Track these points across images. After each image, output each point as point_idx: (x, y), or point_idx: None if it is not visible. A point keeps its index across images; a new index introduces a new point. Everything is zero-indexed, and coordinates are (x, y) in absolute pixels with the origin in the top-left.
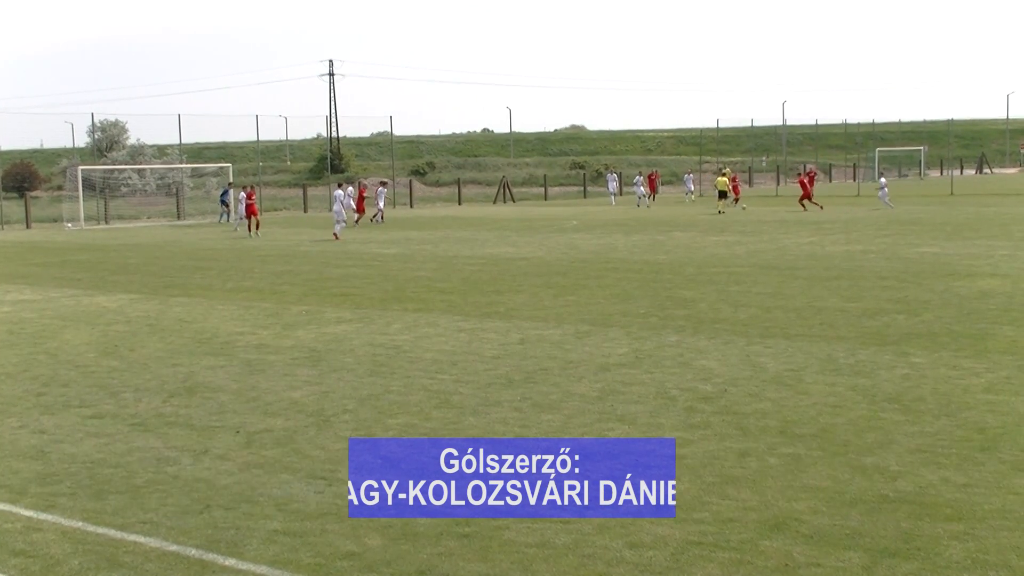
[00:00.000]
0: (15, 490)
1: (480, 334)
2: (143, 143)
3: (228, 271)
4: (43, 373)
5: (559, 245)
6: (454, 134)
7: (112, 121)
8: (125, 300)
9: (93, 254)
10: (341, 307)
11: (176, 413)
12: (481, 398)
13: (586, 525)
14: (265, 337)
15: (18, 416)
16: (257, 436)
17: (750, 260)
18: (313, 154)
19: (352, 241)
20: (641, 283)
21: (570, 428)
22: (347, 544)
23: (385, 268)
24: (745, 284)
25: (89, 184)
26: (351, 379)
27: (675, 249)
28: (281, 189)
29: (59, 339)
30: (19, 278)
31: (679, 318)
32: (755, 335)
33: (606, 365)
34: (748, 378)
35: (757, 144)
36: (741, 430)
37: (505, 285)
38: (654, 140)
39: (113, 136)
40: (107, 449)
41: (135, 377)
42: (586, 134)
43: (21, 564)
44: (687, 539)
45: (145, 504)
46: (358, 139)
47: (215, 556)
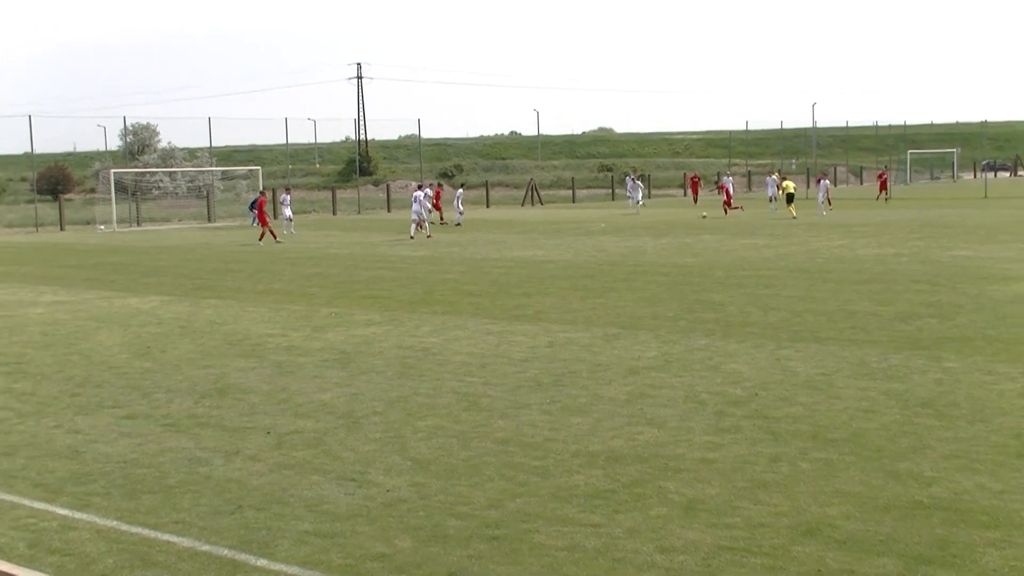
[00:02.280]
0: (51, 489)
1: (509, 337)
2: (174, 146)
3: (258, 273)
4: (77, 374)
5: (587, 248)
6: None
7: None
8: (157, 302)
9: (125, 256)
10: (370, 309)
11: (208, 414)
12: (510, 401)
13: (616, 528)
14: (295, 339)
15: (53, 416)
16: (288, 437)
17: (779, 263)
18: (342, 157)
19: (380, 244)
20: (670, 286)
21: (599, 431)
22: (377, 545)
23: (413, 271)
24: (775, 287)
25: (121, 187)
26: (380, 381)
27: (704, 252)
28: (310, 192)
29: (93, 340)
30: (53, 280)
31: (708, 321)
32: (785, 339)
33: (635, 368)
34: (779, 382)
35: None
36: (772, 434)
37: (533, 288)
38: (683, 142)
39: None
40: (140, 449)
41: (167, 378)
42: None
43: (57, 562)
44: (718, 544)
45: (178, 504)
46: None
47: (247, 556)
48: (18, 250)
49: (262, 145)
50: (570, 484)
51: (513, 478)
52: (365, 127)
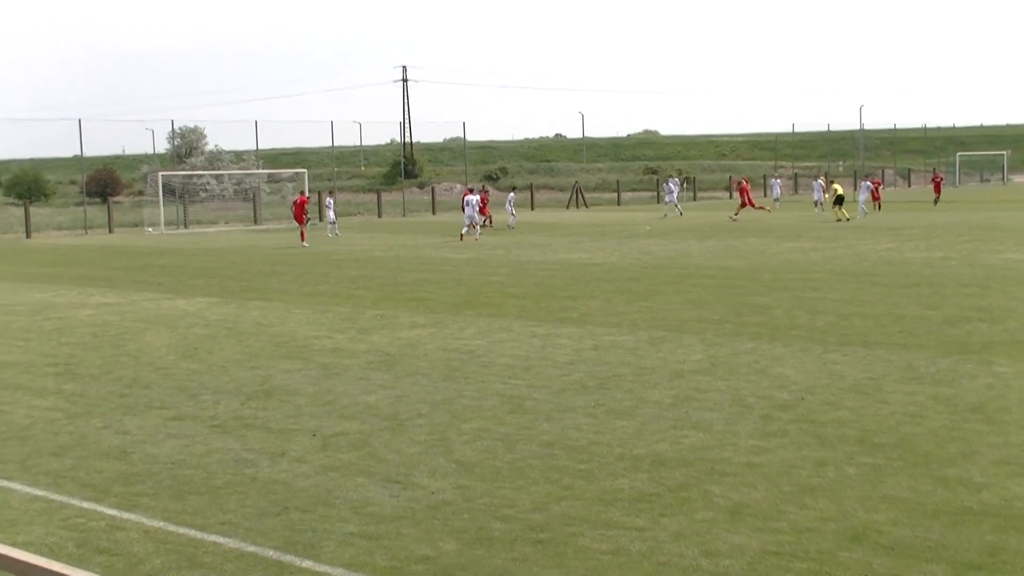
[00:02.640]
0: (99, 489)
1: (553, 340)
2: (221, 149)
3: (304, 275)
4: (125, 375)
5: (632, 251)
6: (527, 139)
7: (191, 127)
8: (204, 304)
9: (173, 258)
10: (415, 312)
11: (254, 415)
12: (555, 404)
13: (661, 532)
14: (340, 341)
15: (102, 417)
16: (333, 439)
17: (826, 266)
18: (387, 159)
19: (425, 247)
20: (715, 289)
21: (644, 435)
22: (422, 548)
23: (458, 273)
24: (822, 291)
25: (169, 189)
26: (425, 383)
27: (750, 255)
28: (355, 194)
29: (140, 342)
30: (102, 281)
31: (754, 325)
32: (832, 342)
33: (681, 372)
34: (825, 386)
35: (833, 149)
36: (819, 439)
37: (578, 291)
38: (728, 145)
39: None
40: (187, 450)
41: (214, 379)
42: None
43: (105, 562)
44: (764, 548)
45: (224, 505)
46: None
47: (292, 558)
48: (68, 252)
49: (308, 148)
50: (615, 488)
51: (558, 481)
52: (410, 130)
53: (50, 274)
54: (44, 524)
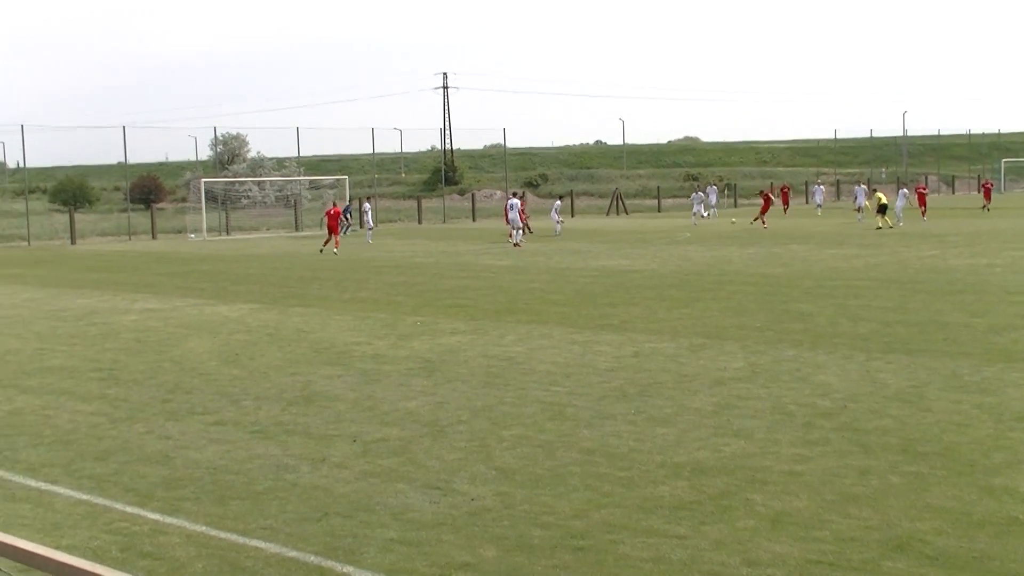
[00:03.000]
0: (142, 494)
1: (594, 346)
2: (263, 156)
3: (344, 282)
4: (168, 380)
5: (673, 257)
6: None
7: (233, 135)
8: (246, 310)
9: (215, 264)
10: (455, 318)
11: (295, 421)
12: (595, 411)
13: (702, 541)
14: (381, 347)
15: (145, 422)
16: (373, 445)
17: (869, 273)
18: (427, 166)
19: (465, 253)
20: (757, 296)
21: (685, 442)
22: (462, 555)
23: (498, 280)
24: (864, 298)
25: (211, 196)
26: (465, 390)
27: (792, 262)
28: (396, 201)
29: (183, 347)
30: (145, 287)
31: (796, 332)
32: (875, 350)
33: (721, 379)
34: (868, 394)
35: (876, 155)
36: (861, 447)
37: (618, 297)
38: (769, 151)
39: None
40: (229, 456)
41: (255, 385)
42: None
43: (149, 566)
44: (807, 557)
45: (265, 510)
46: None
47: (333, 563)
48: (112, 258)
49: (349, 155)
50: (655, 495)
51: (598, 488)
52: (451, 137)
53: (95, 280)
54: (88, 528)
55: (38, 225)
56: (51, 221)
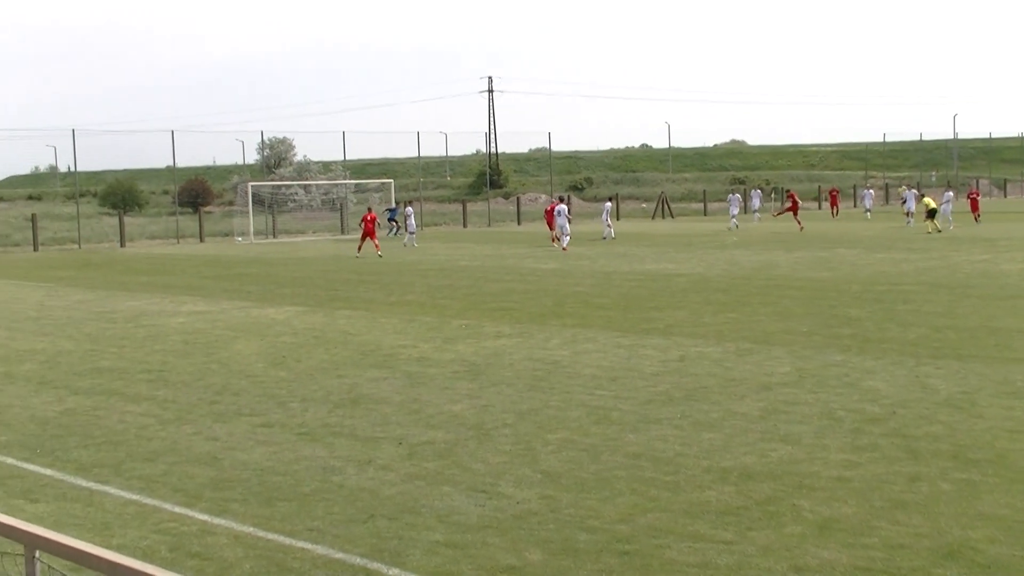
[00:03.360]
0: (191, 494)
1: (639, 350)
2: (309, 159)
3: (390, 285)
4: (216, 382)
5: (719, 261)
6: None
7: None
8: (292, 312)
9: (262, 267)
10: (500, 321)
11: (341, 423)
12: (640, 415)
13: (749, 546)
14: (426, 350)
15: (193, 423)
16: (419, 448)
17: (919, 278)
18: (472, 170)
19: (510, 256)
20: (804, 301)
21: (731, 447)
22: (508, 558)
23: (543, 283)
24: (914, 303)
25: (258, 199)
26: (510, 393)
27: (839, 266)
28: (441, 204)
29: (231, 349)
30: (193, 290)
31: (844, 337)
32: (925, 355)
33: (768, 384)
34: (918, 400)
35: (926, 159)
36: (911, 453)
37: (664, 301)
38: (817, 155)
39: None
40: (276, 457)
41: (302, 387)
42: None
43: (197, 566)
44: (855, 564)
45: (312, 512)
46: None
47: (379, 565)
48: (160, 261)
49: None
50: (702, 500)
51: (644, 493)
52: (496, 140)
53: (144, 282)
54: (138, 528)
55: (88, 228)
56: (101, 224)
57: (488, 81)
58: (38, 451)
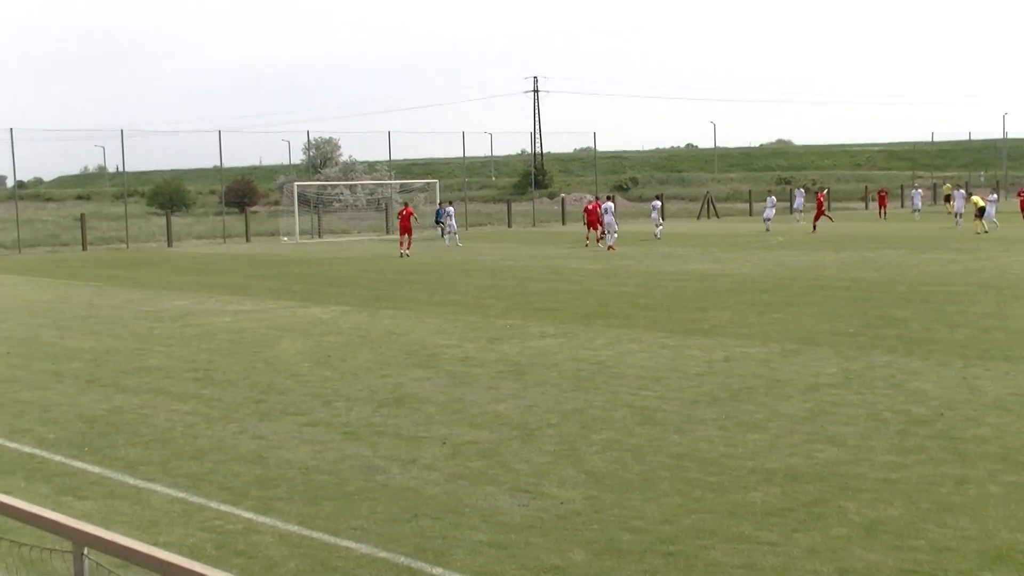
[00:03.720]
0: (236, 493)
1: (684, 351)
2: (354, 159)
3: (434, 285)
4: (261, 381)
5: (765, 262)
6: (657, 149)
7: (326, 139)
8: (337, 312)
9: (307, 267)
10: (544, 322)
11: (385, 423)
12: (685, 416)
13: (794, 548)
14: (470, 350)
15: (239, 422)
16: (463, 447)
17: (967, 279)
18: (517, 170)
19: (555, 256)
20: (850, 301)
21: (777, 448)
22: (552, 558)
23: (588, 283)
24: (961, 304)
25: (304, 199)
26: (555, 393)
27: (886, 267)
28: (485, 204)
29: (276, 348)
30: (239, 289)
31: (890, 338)
32: (973, 357)
33: (814, 385)
34: (966, 401)
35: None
36: (959, 455)
37: (709, 302)
38: (864, 154)
39: (326, 153)
40: (320, 456)
41: (347, 387)
42: (792, 149)
43: (242, 564)
44: (901, 567)
45: (356, 511)
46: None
47: (423, 564)
48: (207, 261)
49: (439, 158)
50: (746, 501)
51: (688, 493)
52: (541, 140)
53: (190, 282)
54: (184, 525)
55: (136, 228)
56: (148, 224)
57: (533, 81)
58: (86, 449)
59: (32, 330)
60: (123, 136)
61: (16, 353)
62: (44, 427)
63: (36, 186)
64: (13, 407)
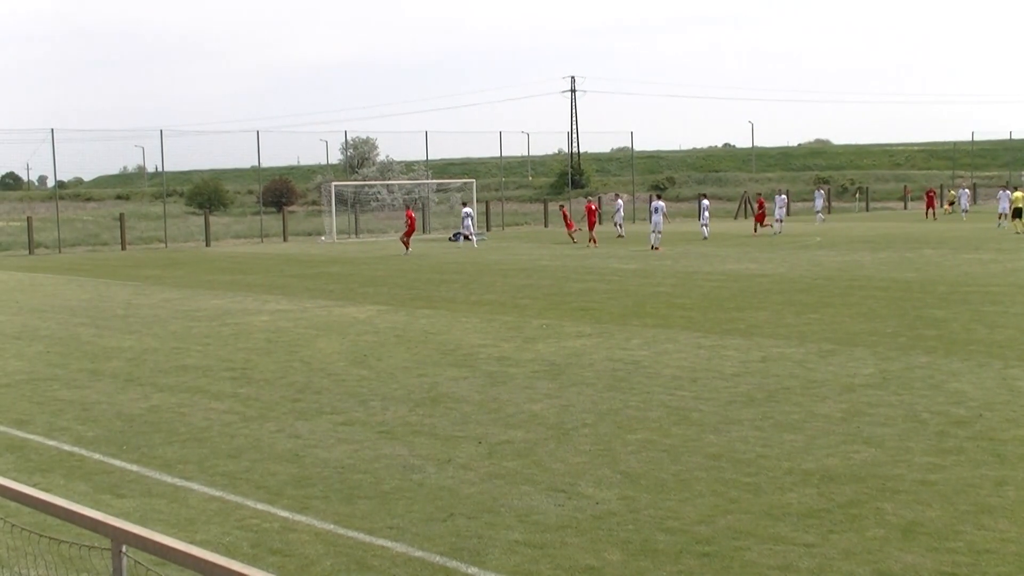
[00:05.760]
0: (273, 491)
1: (720, 351)
2: (391, 159)
3: (471, 284)
4: (298, 380)
5: (802, 262)
6: (694, 149)
7: (363, 138)
8: (374, 311)
9: (344, 266)
10: (580, 321)
11: (421, 422)
12: (721, 416)
13: (831, 549)
14: (506, 350)
15: (275, 421)
16: (498, 447)
17: (1007, 279)
18: (554, 169)
19: (591, 256)
20: (888, 301)
21: (813, 449)
22: (587, 558)
23: (624, 283)
24: (1002, 304)
25: (341, 199)
26: (590, 393)
27: (925, 267)
28: (522, 204)
29: (313, 348)
30: (276, 289)
31: (929, 338)
32: (1013, 358)
33: (851, 385)
34: (1005, 403)
35: (1016, 158)
36: (998, 457)
37: (746, 302)
38: (903, 154)
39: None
40: (356, 455)
41: (383, 386)
42: (831, 148)
43: (278, 562)
44: (939, 569)
45: (392, 510)
46: (598, 154)
47: (458, 564)
48: (244, 260)
49: (476, 158)
50: (783, 502)
51: (724, 494)
52: (578, 140)
53: (228, 281)
54: (220, 524)
55: (175, 227)
56: (187, 223)
57: (570, 81)
58: (124, 447)
59: (71, 329)
60: (162, 136)
61: (55, 352)
62: (83, 425)
63: (76, 186)
64: (52, 405)
